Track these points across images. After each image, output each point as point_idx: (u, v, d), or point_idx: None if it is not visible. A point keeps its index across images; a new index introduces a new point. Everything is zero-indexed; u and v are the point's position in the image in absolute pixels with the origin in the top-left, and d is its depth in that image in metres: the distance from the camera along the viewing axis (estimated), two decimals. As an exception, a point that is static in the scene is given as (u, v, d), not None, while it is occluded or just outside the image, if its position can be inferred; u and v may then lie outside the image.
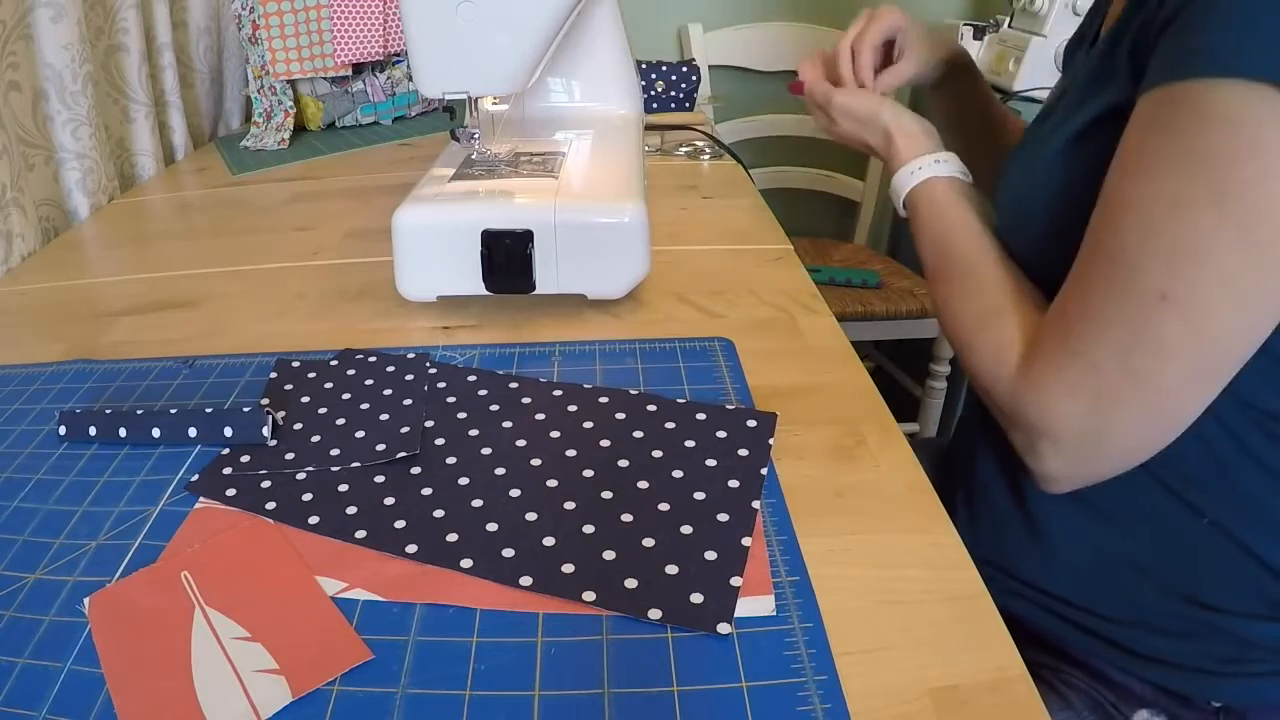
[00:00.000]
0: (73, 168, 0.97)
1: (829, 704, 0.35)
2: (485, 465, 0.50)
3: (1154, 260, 0.45)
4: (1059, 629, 0.61)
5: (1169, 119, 0.45)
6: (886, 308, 1.60)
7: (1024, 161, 0.61)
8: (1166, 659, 0.58)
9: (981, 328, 0.57)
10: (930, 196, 0.65)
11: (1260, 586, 0.55)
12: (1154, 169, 0.46)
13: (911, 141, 0.69)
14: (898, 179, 0.68)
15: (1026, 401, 0.52)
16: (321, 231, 0.90)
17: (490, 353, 0.63)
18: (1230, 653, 0.56)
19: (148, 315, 0.73)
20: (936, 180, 0.66)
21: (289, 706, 0.36)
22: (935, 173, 0.66)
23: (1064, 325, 0.50)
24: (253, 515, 0.47)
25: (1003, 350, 0.54)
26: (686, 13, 1.84)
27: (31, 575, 0.43)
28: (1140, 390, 0.47)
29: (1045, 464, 0.52)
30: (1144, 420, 0.48)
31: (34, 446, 0.54)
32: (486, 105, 0.77)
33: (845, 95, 0.75)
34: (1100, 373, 0.48)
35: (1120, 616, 0.59)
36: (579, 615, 0.40)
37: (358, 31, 1.25)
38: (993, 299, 0.57)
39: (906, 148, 0.69)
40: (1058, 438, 0.51)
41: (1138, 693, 0.59)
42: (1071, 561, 0.60)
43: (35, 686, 0.37)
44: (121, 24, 1.06)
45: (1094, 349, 0.48)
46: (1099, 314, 0.48)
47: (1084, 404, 0.49)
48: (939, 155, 0.67)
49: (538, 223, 0.63)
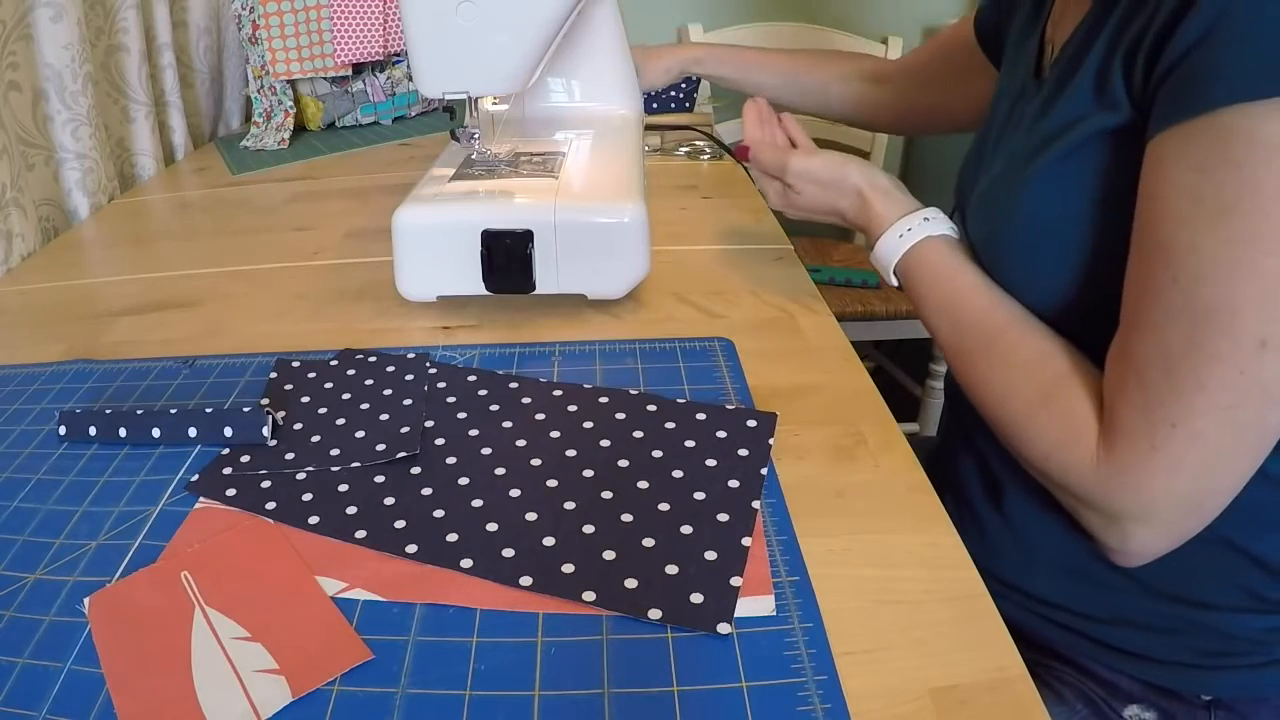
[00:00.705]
0: (73, 168, 0.97)
1: (829, 704, 0.35)
2: (485, 465, 0.50)
3: (1246, 309, 0.42)
4: (1044, 629, 0.61)
5: (1218, 154, 0.42)
6: (886, 308, 1.60)
7: (1002, 185, 0.58)
8: (1152, 655, 0.58)
9: (1039, 408, 0.51)
10: (926, 261, 0.60)
11: (1243, 580, 0.55)
12: (1217, 212, 0.42)
13: (889, 201, 0.63)
14: (883, 246, 0.62)
15: (1118, 487, 0.47)
16: (321, 231, 0.90)
17: (490, 353, 0.63)
18: (1217, 646, 0.56)
19: (148, 315, 0.73)
20: (929, 242, 0.60)
21: (289, 706, 0.36)
22: (926, 233, 0.60)
23: (1147, 396, 0.45)
24: (253, 515, 0.47)
25: (1074, 433, 0.49)
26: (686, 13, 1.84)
27: (31, 575, 0.43)
28: (1248, 442, 0.45)
29: (1133, 542, 0.49)
30: (1250, 466, 0.46)
31: (34, 446, 0.54)
32: (486, 105, 0.77)
33: (804, 157, 0.66)
34: (1203, 439, 0.44)
35: (1103, 615, 0.59)
36: (579, 615, 0.40)
37: (358, 31, 1.25)
38: (1042, 372, 0.51)
39: (885, 209, 0.63)
40: (1155, 516, 0.47)
41: (1126, 689, 0.59)
42: (1051, 563, 0.60)
43: (35, 686, 0.37)
44: (121, 24, 1.06)
45: (1193, 417, 0.44)
46: (1191, 379, 0.44)
47: (1188, 476, 0.45)
48: (925, 212, 0.62)
49: (538, 223, 0.63)
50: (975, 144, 0.71)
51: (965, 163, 0.72)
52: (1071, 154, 0.52)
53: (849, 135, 1.85)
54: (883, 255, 0.62)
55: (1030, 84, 0.62)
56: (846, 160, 0.65)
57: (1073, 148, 0.52)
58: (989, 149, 0.66)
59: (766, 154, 0.69)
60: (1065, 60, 0.56)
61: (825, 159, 0.66)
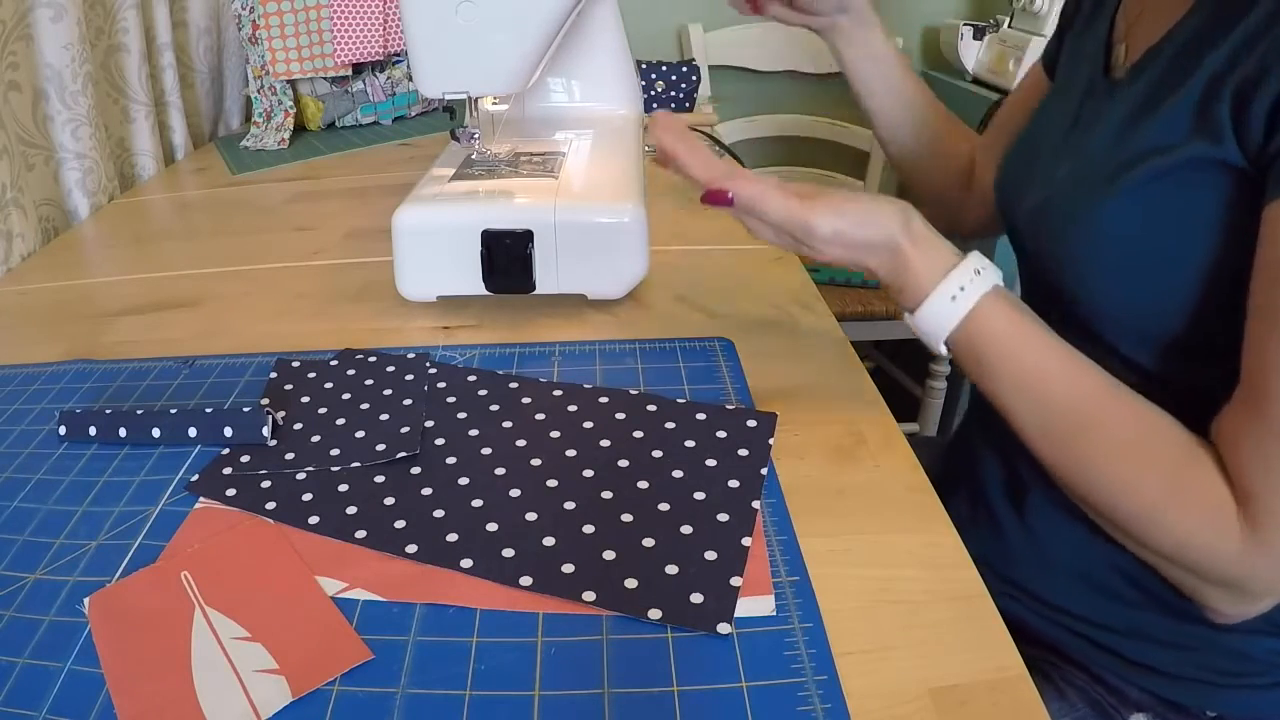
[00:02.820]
0: (73, 168, 0.97)
1: (829, 704, 0.35)
2: (485, 465, 0.50)
3: None
4: (1055, 632, 0.61)
5: None
6: (886, 308, 1.60)
7: (1082, 193, 0.53)
8: (1163, 669, 0.57)
9: (1169, 499, 0.46)
10: (990, 331, 0.48)
11: None
12: None
13: (929, 253, 0.49)
14: (930, 314, 0.49)
15: (1264, 567, 0.44)
16: (321, 231, 0.90)
17: (490, 353, 0.63)
18: (1229, 666, 0.56)
19: (148, 315, 0.72)
20: (988, 304, 0.48)
21: (289, 706, 0.36)
22: (981, 291, 0.48)
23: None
24: (253, 515, 0.47)
25: (1213, 520, 0.45)
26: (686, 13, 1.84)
27: (31, 575, 0.43)
28: None
29: (1256, 609, 0.47)
30: None
31: (34, 446, 0.54)
32: (486, 105, 0.77)
33: (830, 215, 0.48)
34: None
35: (1119, 627, 0.58)
36: (579, 615, 0.40)
37: (358, 31, 1.25)
38: (1160, 456, 0.46)
39: (926, 264, 0.49)
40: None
41: (1134, 698, 0.59)
42: (1069, 572, 0.60)
43: (35, 686, 0.37)
44: (121, 24, 1.06)
45: None
46: None
47: None
48: (972, 262, 0.49)
49: (538, 223, 0.63)
50: (1023, 144, 0.67)
51: (1010, 164, 0.68)
52: (1165, 175, 0.49)
53: (849, 135, 1.85)
54: (930, 324, 0.49)
55: (1101, 82, 0.59)
56: (878, 207, 0.49)
57: (1167, 170, 0.49)
58: (1046, 151, 0.62)
59: (775, 205, 0.49)
60: (1157, 71, 0.52)
61: (856, 213, 0.49)
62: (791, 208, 0.48)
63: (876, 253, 0.49)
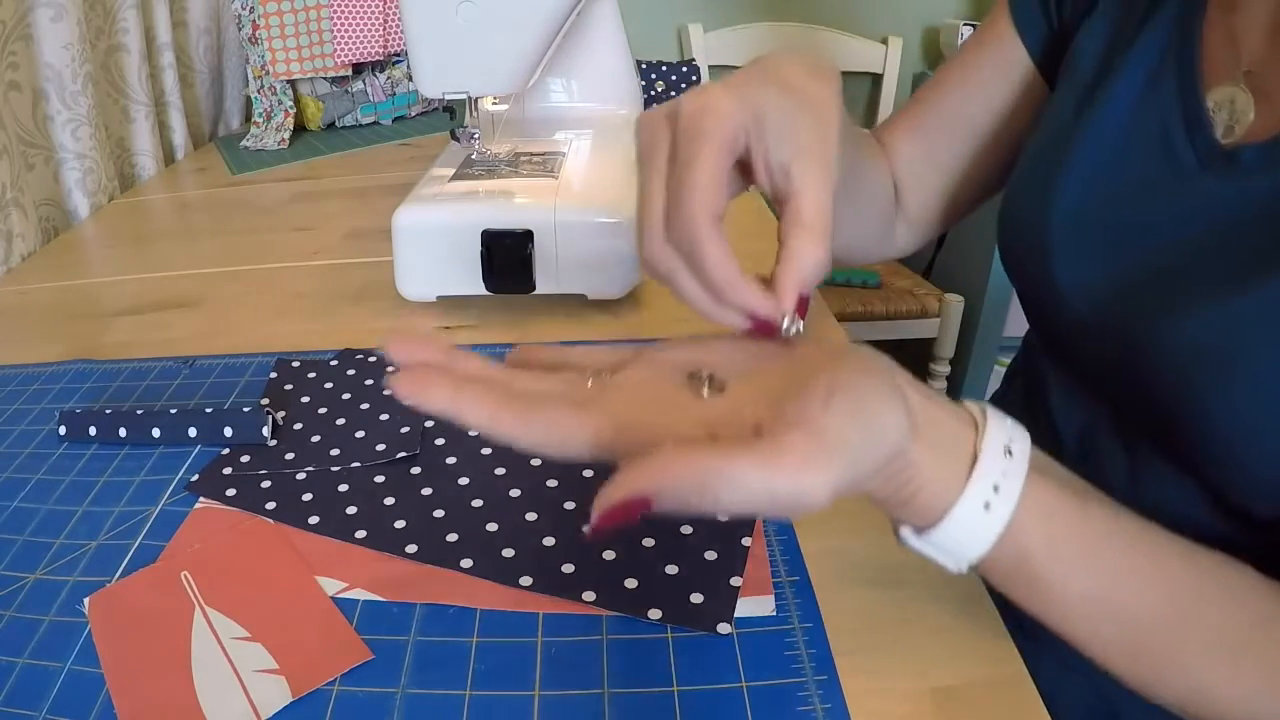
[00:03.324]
0: (73, 168, 0.97)
1: (829, 704, 0.35)
2: (485, 465, 0.50)
3: None
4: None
5: None
6: (886, 308, 1.60)
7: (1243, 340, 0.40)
8: None
9: (1274, 678, 0.35)
10: (1040, 541, 0.32)
11: None
12: None
13: (940, 446, 0.31)
14: (953, 533, 0.31)
15: None
16: (321, 231, 0.90)
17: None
18: None
19: (148, 315, 0.72)
20: (1033, 502, 0.31)
21: (289, 706, 0.36)
22: (1018, 485, 0.31)
23: None
24: (253, 515, 0.47)
25: None
26: (686, 13, 1.84)
27: (31, 575, 0.43)
28: None
29: None
30: None
31: (34, 446, 0.54)
32: (486, 105, 0.77)
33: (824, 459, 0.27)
34: None
35: None
36: (579, 615, 0.40)
37: (358, 31, 1.25)
38: (1267, 634, 0.35)
39: (940, 464, 0.31)
40: None
41: None
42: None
43: (35, 686, 0.37)
44: (121, 24, 1.06)
45: None
46: None
47: None
48: (998, 434, 0.32)
49: (538, 223, 0.63)
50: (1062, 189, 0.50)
51: (1041, 210, 0.51)
52: None
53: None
54: (953, 544, 0.32)
55: (1204, 145, 0.45)
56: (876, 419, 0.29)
57: None
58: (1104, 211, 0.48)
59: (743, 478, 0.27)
60: None
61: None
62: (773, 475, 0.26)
63: (875, 477, 0.30)
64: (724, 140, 0.33)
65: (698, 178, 0.32)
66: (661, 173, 0.34)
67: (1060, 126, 0.52)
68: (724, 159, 0.33)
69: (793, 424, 0.27)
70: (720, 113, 0.33)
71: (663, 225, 0.34)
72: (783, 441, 0.27)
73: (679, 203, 0.33)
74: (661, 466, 0.27)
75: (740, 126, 0.33)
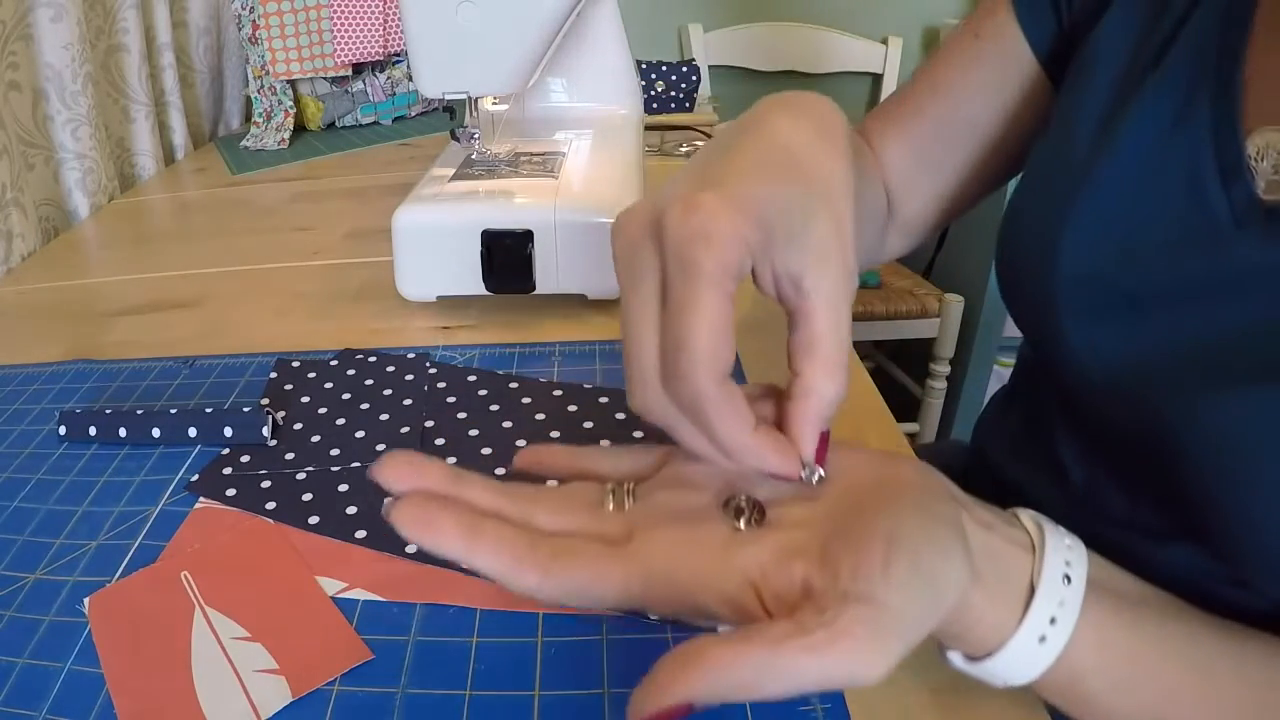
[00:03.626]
0: (73, 168, 0.97)
1: (829, 704, 0.35)
2: (485, 465, 0.50)
3: None
4: None
5: None
6: (886, 308, 1.60)
7: (1246, 379, 0.37)
8: None
9: None
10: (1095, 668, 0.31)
11: None
12: None
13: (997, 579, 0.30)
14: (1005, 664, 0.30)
15: None
16: (321, 231, 0.90)
17: (490, 353, 0.63)
18: None
19: (148, 315, 0.72)
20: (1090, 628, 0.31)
21: (289, 706, 0.36)
22: (1074, 613, 0.30)
23: None
24: (253, 515, 0.47)
25: None
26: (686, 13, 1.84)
27: (31, 575, 0.43)
28: None
29: None
30: None
31: (34, 446, 0.54)
32: (486, 105, 0.77)
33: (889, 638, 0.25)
34: None
35: None
36: (579, 615, 0.40)
37: (358, 31, 1.25)
38: None
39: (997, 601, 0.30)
40: None
41: None
42: None
43: (35, 686, 0.37)
44: (121, 24, 1.06)
45: None
46: None
47: None
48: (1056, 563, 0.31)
49: (538, 223, 0.63)
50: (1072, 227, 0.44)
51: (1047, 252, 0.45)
52: None
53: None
54: (1004, 672, 0.31)
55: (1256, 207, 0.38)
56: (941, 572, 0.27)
57: None
58: (1123, 261, 0.42)
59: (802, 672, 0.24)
60: None
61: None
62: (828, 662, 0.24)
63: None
64: (725, 274, 0.27)
65: (699, 332, 0.27)
66: (650, 308, 0.29)
67: (1070, 160, 0.45)
68: (727, 301, 0.27)
69: (849, 598, 0.25)
70: (718, 239, 0.27)
71: (657, 373, 0.29)
72: (839, 626, 0.24)
73: (677, 360, 0.28)
74: (704, 669, 0.24)
75: (743, 249, 0.28)
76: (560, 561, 0.28)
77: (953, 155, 0.58)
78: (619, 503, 0.31)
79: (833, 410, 0.30)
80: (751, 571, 0.28)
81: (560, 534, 0.30)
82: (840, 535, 0.27)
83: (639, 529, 0.30)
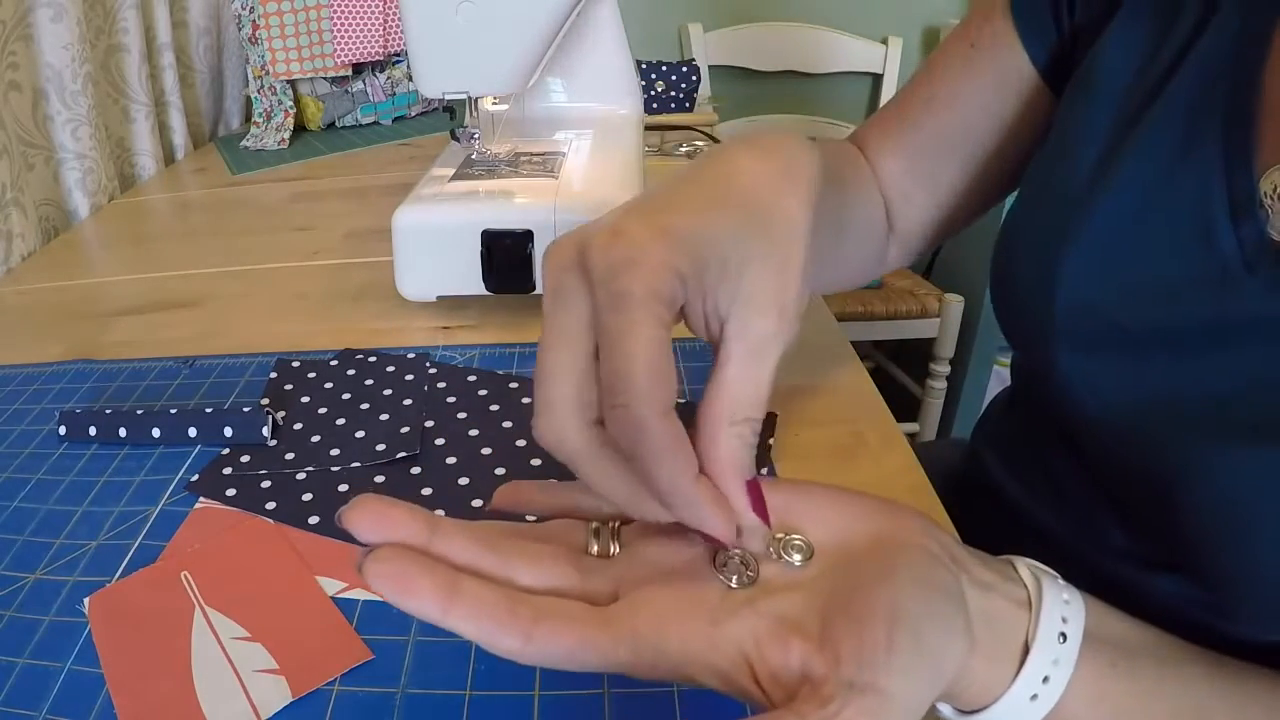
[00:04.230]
0: (73, 168, 0.97)
1: (829, 704, 0.35)
2: (485, 465, 0.50)
3: None
4: None
5: None
6: (886, 308, 1.60)
7: (1252, 438, 0.35)
8: None
9: None
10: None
11: None
12: None
13: (992, 637, 0.29)
14: (995, 715, 0.30)
15: None
16: (321, 231, 0.90)
17: (490, 353, 0.63)
18: None
19: (148, 315, 0.72)
20: (1085, 684, 0.30)
21: (289, 706, 0.36)
22: (1068, 671, 0.29)
23: None
24: (253, 515, 0.47)
25: None
26: (686, 13, 1.84)
27: (31, 575, 0.43)
28: None
29: None
30: None
31: (34, 446, 0.54)
32: (486, 105, 0.77)
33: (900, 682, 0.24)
34: None
35: None
36: (579, 615, 0.40)
37: (358, 31, 1.25)
38: None
39: (991, 658, 0.29)
40: None
41: None
42: None
43: (35, 686, 0.37)
44: (121, 24, 1.06)
45: None
46: None
47: None
48: (1053, 620, 0.30)
49: (538, 223, 0.63)
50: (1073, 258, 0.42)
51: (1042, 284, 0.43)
52: None
53: (849, 135, 1.85)
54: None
55: (1267, 249, 0.36)
56: (939, 640, 0.27)
57: None
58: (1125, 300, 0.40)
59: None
60: None
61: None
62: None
63: None
64: (656, 300, 0.26)
65: (635, 358, 0.25)
66: (569, 335, 0.27)
67: (1069, 184, 0.43)
68: (662, 328, 0.26)
69: (854, 689, 0.24)
70: (645, 265, 0.26)
71: (570, 404, 0.27)
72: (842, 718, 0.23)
73: (614, 390, 0.26)
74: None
75: (672, 277, 0.26)
76: (543, 627, 0.26)
77: (949, 168, 0.56)
78: (604, 547, 0.30)
79: (750, 460, 0.29)
80: (745, 643, 0.27)
81: (543, 591, 0.28)
82: (840, 610, 0.26)
83: (625, 587, 0.28)
